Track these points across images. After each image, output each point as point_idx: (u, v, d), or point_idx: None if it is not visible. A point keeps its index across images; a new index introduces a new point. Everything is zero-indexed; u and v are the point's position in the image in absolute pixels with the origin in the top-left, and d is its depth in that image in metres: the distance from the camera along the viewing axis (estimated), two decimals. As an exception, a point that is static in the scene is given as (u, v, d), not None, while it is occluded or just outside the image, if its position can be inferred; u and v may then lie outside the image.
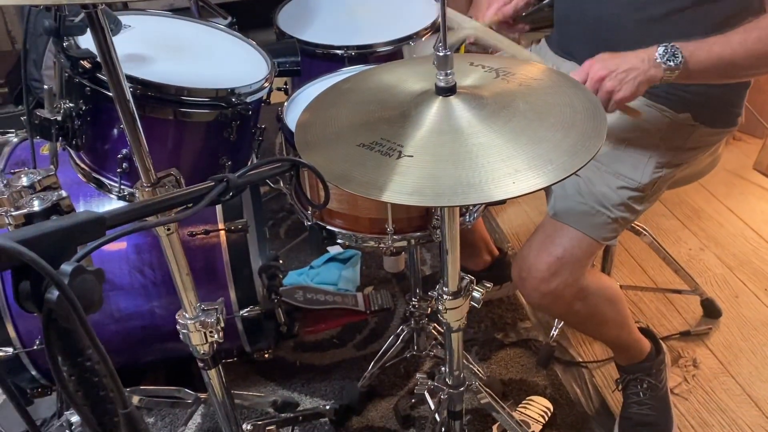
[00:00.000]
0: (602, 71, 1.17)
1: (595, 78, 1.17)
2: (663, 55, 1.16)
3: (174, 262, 1.05)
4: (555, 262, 1.31)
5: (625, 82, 1.16)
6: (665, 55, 1.16)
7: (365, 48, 1.64)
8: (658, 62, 1.16)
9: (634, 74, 1.16)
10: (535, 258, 1.33)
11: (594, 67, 1.18)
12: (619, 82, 1.16)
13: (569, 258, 1.32)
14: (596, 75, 1.17)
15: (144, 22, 1.35)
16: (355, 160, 0.88)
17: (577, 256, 1.33)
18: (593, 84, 1.18)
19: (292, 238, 2.25)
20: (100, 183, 1.21)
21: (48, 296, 0.53)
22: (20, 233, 0.52)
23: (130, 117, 0.90)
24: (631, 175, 1.34)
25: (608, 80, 1.16)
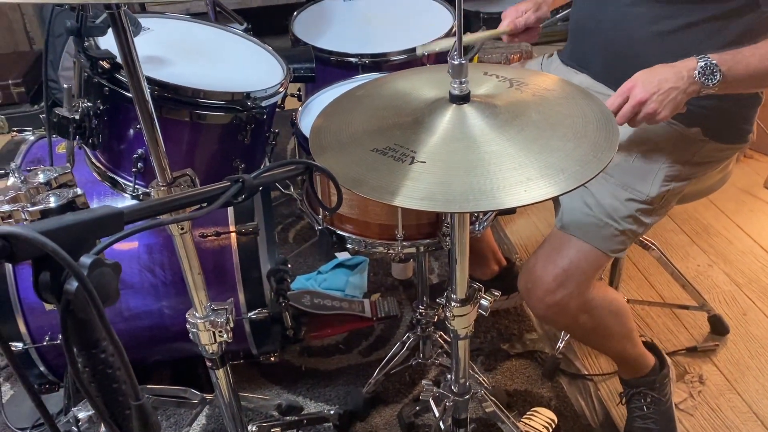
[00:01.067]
0: (643, 95, 1.16)
1: (636, 101, 1.17)
2: (701, 74, 1.16)
3: (186, 261, 1.06)
4: (561, 273, 1.32)
5: (666, 103, 1.16)
6: (704, 74, 1.16)
7: (379, 56, 1.66)
8: (696, 80, 1.16)
9: (675, 93, 1.16)
10: (541, 269, 1.34)
11: (634, 91, 1.18)
12: (659, 103, 1.16)
13: (575, 270, 1.32)
14: (637, 98, 1.17)
15: (163, 25, 1.37)
16: (369, 164, 0.90)
17: (584, 269, 1.33)
18: (634, 107, 1.17)
19: (301, 243, 2.26)
20: (115, 182, 1.22)
21: (67, 287, 0.54)
22: (42, 225, 0.53)
23: (149, 117, 0.92)
24: (639, 187, 1.34)
25: (650, 102, 1.16)
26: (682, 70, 1.17)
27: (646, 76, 1.18)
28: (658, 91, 1.16)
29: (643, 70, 1.20)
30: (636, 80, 1.19)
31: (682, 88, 1.16)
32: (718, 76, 1.16)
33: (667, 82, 1.16)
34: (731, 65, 1.17)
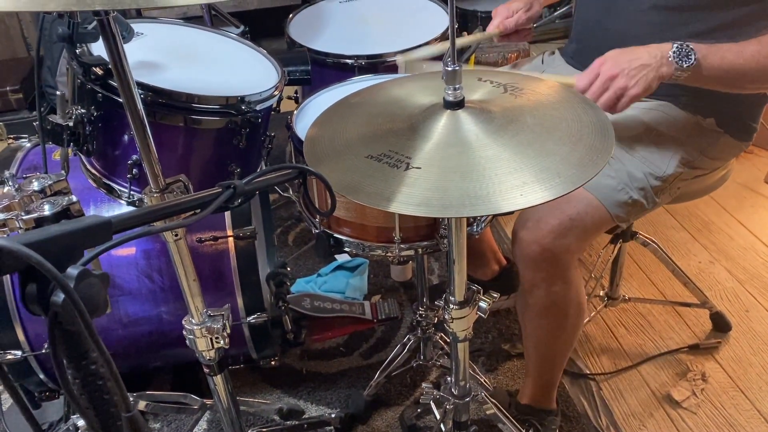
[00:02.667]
0: (614, 69, 1.16)
1: (606, 76, 1.16)
2: (677, 54, 1.16)
3: (181, 267, 1.05)
4: (567, 221, 1.28)
5: (638, 79, 1.15)
6: (679, 54, 1.16)
7: (375, 57, 1.65)
8: (670, 60, 1.16)
9: (646, 71, 1.16)
10: (546, 212, 1.30)
11: (605, 66, 1.18)
12: (631, 78, 1.15)
13: (580, 223, 1.29)
14: (607, 73, 1.17)
15: (156, 30, 1.36)
16: (364, 171, 0.89)
17: (587, 225, 1.30)
18: (604, 82, 1.17)
19: (301, 246, 2.25)
20: (110, 188, 1.22)
21: (54, 299, 0.53)
22: (27, 236, 0.53)
23: (140, 123, 0.91)
24: (657, 163, 1.34)
25: (620, 78, 1.15)
26: (655, 49, 1.17)
27: (618, 54, 1.18)
28: (629, 67, 1.16)
29: (616, 49, 1.20)
30: (606, 57, 1.19)
31: (654, 65, 1.16)
32: (693, 59, 1.16)
33: (639, 60, 1.16)
34: (706, 53, 1.17)
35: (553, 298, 1.37)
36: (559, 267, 1.33)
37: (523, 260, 1.34)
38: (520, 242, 1.33)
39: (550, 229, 1.29)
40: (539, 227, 1.29)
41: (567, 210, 1.29)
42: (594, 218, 1.31)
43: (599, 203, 1.31)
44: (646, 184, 1.33)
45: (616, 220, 1.33)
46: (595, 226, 1.33)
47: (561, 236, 1.29)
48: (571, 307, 1.40)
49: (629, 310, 1.96)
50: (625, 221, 1.36)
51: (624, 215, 1.33)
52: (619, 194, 1.31)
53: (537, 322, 1.44)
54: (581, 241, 1.33)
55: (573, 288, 1.37)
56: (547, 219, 1.29)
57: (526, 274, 1.36)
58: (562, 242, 1.29)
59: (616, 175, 1.32)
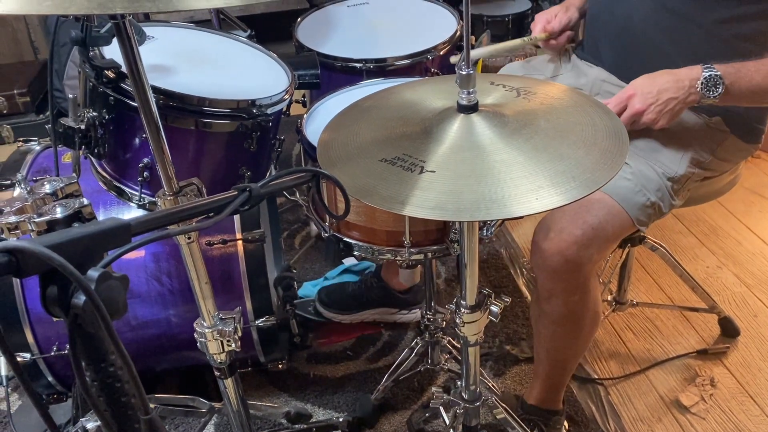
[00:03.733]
0: (640, 105, 1.17)
1: (634, 111, 1.17)
2: (704, 86, 1.16)
3: (194, 270, 1.05)
4: (590, 231, 1.26)
5: (664, 114, 1.17)
6: (706, 86, 1.16)
7: (384, 61, 1.65)
8: (698, 90, 1.16)
9: (673, 104, 1.17)
10: (569, 222, 1.28)
11: (633, 100, 1.18)
12: (658, 113, 1.17)
13: (602, 232, 1.28)
14: (635, 108, 1.18)
15: (167, 34, 1.37)
16: (378, 174, 0.89)
17: (608, 233, 1.29)
18: (632, 116, 1.18)
19: (307, 249, 2.25)
20: (121, 191, 1.22)
21: (75, 301, 0.53)
22: (49, 238, 0.53)
23: (155, 126, 0.91)
24: (669, 164, 1.34)
25: (648, 113, 1.17)
26: (684, 79, 1.17)
27: (646, 86, 1.18)
28: (656, 101, 1.16)
29: (644, 77, 1.20)
30: (636, 89, 1.19)
31: (681, 98, 1.17)
32: (720, 89, 1.16)
33: (667, 92, 1.17)
34: (734, 80, 1.17)
35: (570, 308, 1.36)
36: (580, 278, 1.32)
37: (545, 271, 1.32)
38: (542, 253, 1.30)
39: (574, 240, 1.26)
40: (562, 238, 1.27)
41: (589, 219, 1.27)
42: (615, 225, 1.30)
43: (620, 208, 1.29)
44: (661, 184, 1.32)
45: (638, 224, 1.32)
46: (616, 233, 1.32)
47: (584, 247, 1.27)
48: (588, 316, 1.39)
49: (637, 314, 1.96)
50: (645, 225, 1.34)
51: (644, 218, 1.32)
52: (638, 196, 1.30)
53: (552, 330, 1.42)
54: (603, 250, 1.32)
55: (591, 298, 1.37)
56: (570, 230, 1.27)
57: (546, 283, 1.34)
58: (585, 253, 1.28)
59: (632, 177, 1.31)
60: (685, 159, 1.35)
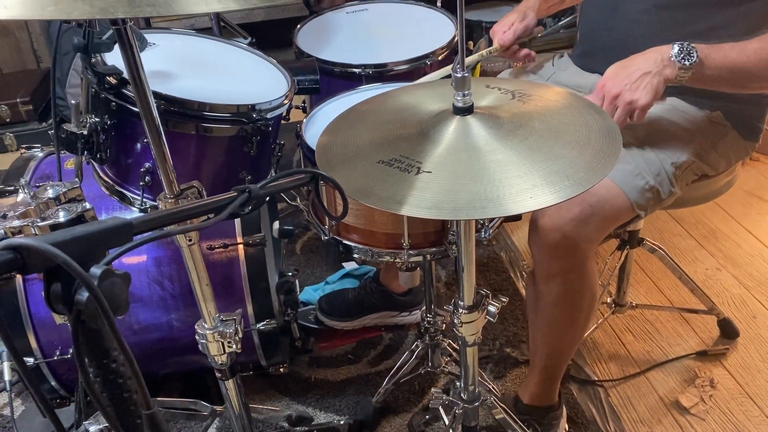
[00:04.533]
0: (616, 87, 1.18)
1: (611, 96, 1.18)
2: (678, 54, 1.17)
3: (194, 272, 1.07)
4: (588, 208, 1.27)
5: (642, 89, 1.17)
6: (681, 54, 1.17)
7: (382, 66, 1.67)
8: (672, 60, 1.17)
9: (648, 78, 1.17)
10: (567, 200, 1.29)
11: (607, 86, 1.19)
12: (635, 90, 1.17)
13: (600, 210, 1.28)
14: (612, 93, 1.19)
15: (168, 40, 1.39)
16: (375, 176, 0.90)
17: (607, 212, 1.29)
18: (610, 102, 1.19)
19: (308, 254, 2.27)
20: (123, 196, 1.24)
21: (78, 297, 0.54)
22: (53, 236, 0.54)
23: (156, 131, 0.93)
24: (671, 149, 1.35)
25: (625, 93, 1.17)
26: (654, 54, 1.19)
27: (617, 70, 1.20)
28: (629, 81, 1.17)
29: (615, 64, 1.22)
30: (607, 76, 1.21)
31: (656, 70, 1.17)
32: (695, 56, 1.17)
33: (639, 70, 1.18)
34: (708, 52, 1.18)
35: (568, 287, 1.36)
36: (578, 256, 1.32)
37: (542, 248, 1.32)
38: (540, 230, 1.31)
39: (572, 216, 1.27)
40: (560, 214, 1.28)
41: (587, 197, 1.27)
42: (614, 206, 1.30)
43: (619, 189, 1.30)
44: (661, 169, 1.33)
45: (636, 207, 1.32)
46: (614, 214, 1.32)
47: (582, 224, 1.27)
48: (586, 298, 1.39)
49: (636, 316, 1.97)
50: (644, 210, 1.34)
51: (643, 202, 1.33)
52: (637, 179, 1.31)
53: (550, 312, 1.42)
54: (600, 230, 1.32)
55: (588, 278, 1.37)
56: (568, 206, 1.27)
57: (544, 262, 1.34)
58: (583, 230, 1.28)
59: (632, 160, 1.32)
60: (687, 147, 1.35)
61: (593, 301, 1.42)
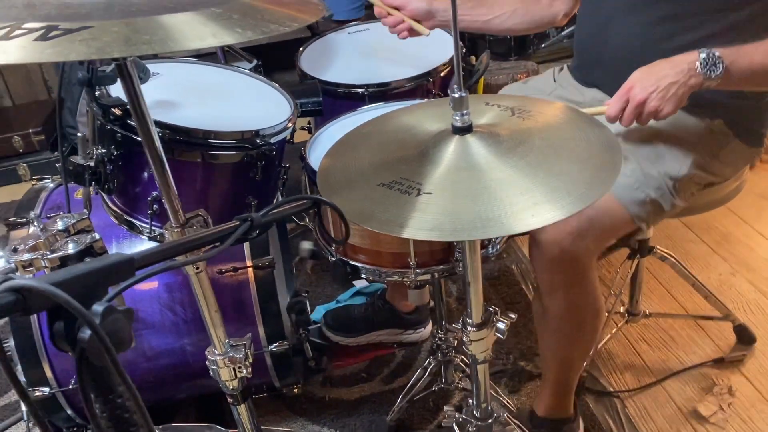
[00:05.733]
0: (642, 93, 1.16)
1: (636, 102, 1.17)
2: (704, 65, 1.16)
3: (203, 299, 1.08)
4: (586, 222, 1.27)
5: (668, 99, 1.16)
6: (706, 65, 1.16)
7: (385, 85, 1.68)
8: (698, 72, 1.16)
9: (675, 88, 1.16)
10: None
11: (634, 91, 1.18)
12: (660, 99, 1.16)
13: (599, 224, 1.28)
14: (637, 98, 1.17)
15: (172, 69, 1.41)
16: (376, 199, 0.91)
17: (606, 226, 1.29)
18: (635, 108, 1.17)
19: (319, 273, 2.27)
20: (132, 225, 1.25)
21: (81, 335, 0.55)
22: (54, 276, 0.55)
23: (159, 161, 0.94)
24: (671, 162, 1.34)
25: (651, 101, 1.16)
26: (681, 63, 1.17)
27: (644, 75, 1.18)
28: (657, 88, 1.16)
29: (640, 69, 1.20)
30: (633, 80, 1.19)
31: (682, 81, 1.16)
32: (721, 68, 1.15)
33: (666, 78, 1.16)
34: (734, 58, 1.17)
35: (571, 301, 1.36)
36: (579, 269, 1.32)
37: (543, 263, 1.32)
38: (540, 245, 1.31)
39: (570, 230, 1.27)
40: (558, 228, 1.28)
41: (586, 211, 1.24)
42: (613, 219, 1.31)
43: (617, 202, 1.30)
44: (661, 182, 1.33)
45: (636, 220, 1.32)
46: (614, 227, 1.32)
47: (581, 237, 1.27)
48: (589, 309, 1.39)
49: (651, 325, 1.95)
50: (645, 222, 1.34)
51: (643, 215, 1.32)
52: (636, 192, 1.31)
53: (555, 326, 1.42)
54: (600, 242, 1.32)
55: (591, 291, 1.37)
56: (567, 220, 1.25)
57: (545, 277, 1.35)
58: (582, 243, 1.28)
59: (631, 174, 1.32)
60: (687, 160, 1.34)
61: (598, 312, 1.42)
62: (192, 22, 0.69)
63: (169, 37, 0.65)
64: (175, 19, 0.68)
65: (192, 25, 0.69)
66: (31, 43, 0.61)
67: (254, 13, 0.75)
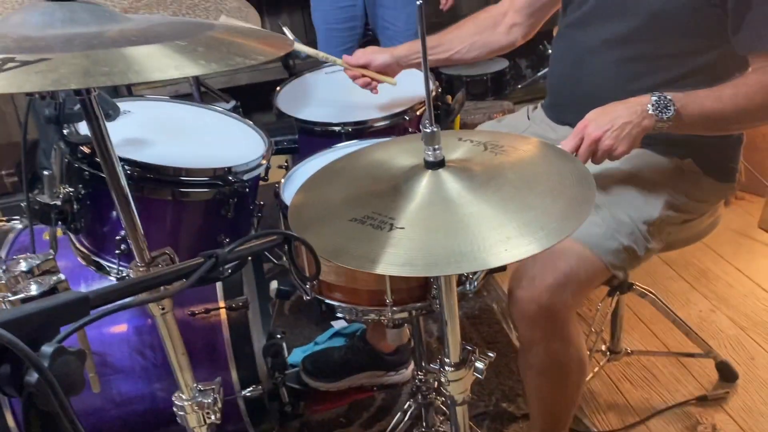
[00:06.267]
0: (597, 132, 1.18)
1: (591, 139, 1.18)
2: (655, 107, 1.18)
3: (169, 341, 1.04)
4: (561, 277, 1.27)
5: (622, 138, 1.18)
6: (658, 107, 1.18)
7: (362, 124, 1.68)
8: (650, 113, 1.18)
9: (629, 128, 1.18)
10: (540, 269, 1.28)
11: (588, 129, 1.20)
12: (615, 138, 1.18)
13: (575, 277, 1.28)
14: (591, 136, 1.19)
15: (144, 107, 1.39)
16: (348, 234, 0.89)
17: (582, 278, 1.29)
18: (589, 146, 1.19)
19: (296, 314, 2.23)
20: (99, 265, 1.22)
21: (28, 379, 0.52)
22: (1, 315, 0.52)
23: (124, 198, 0.91)
24: (643, 207, 1.34)
25: (605, 139, 1.18)
26: (635, 104, 1.20)
27: (599, 115, 1.21)
28: (611, 127, 1.18)
29: (596, 109, 1.22)
30: (588, 119, 1.21)
31: (636, 121, 1.18)
32: (672, 110, 1.18)
33: (620, 118, 1.19)
34: (685, 102, 1.20)
35: (552, 356, 1.34)
36: (557, 324, 1.31)
37: (521, 319, 1.32)
38: (517, 301, 1.31)
39: (546, 286, 1.27)
40: (535, 285, 1.28)
41: (560, 266, 1.28)
42: (588, 271, 1.30)
43: (591, 254, 1.30)
44: (634, 228, 1.33)
45: (612, 268, 1.32)
46: (589, 278, 1.32)
47: (557, 293, 1.27)
48: (572, 363, 1.37)
49: (633, 363, 1.93)
50: (621, 270, 1.34)
51: (618, 263, 1.32)
52: (609, 242, 1.31)
53: (538, 381, 1.41)
54: (578, 295, 1.32)
55: (573, 344, 1.35)
56: (542, 276, 1.28)
57: (525, 332, 1.34)
58: (559, 299, 1.28)
59: (603, 222, 1.32)
60: (659, 202, 1.35)
61: (581, 366, 1.40)
62: (155, 54, 0.68)
63: (129, 69, 0.63)
64: (138, 52, 0.67)
65: (155, 57, 0.67)
66: (-16, 75, 0.59)
67: (220, 45, 0.74)
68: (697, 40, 1.29)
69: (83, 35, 0.71)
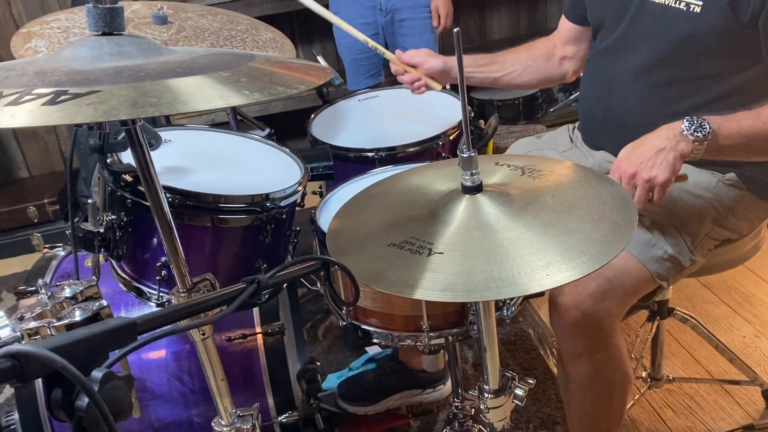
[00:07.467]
0: (631, 167, 1.16)
1: (628, 176, 1.17)
2: (689, 127, 1.16)
3: (209, 367, 1.05)
4: (605, 283, 1.24)
5: (658, 166, 1.15)
6: (692, 127, 1.16)
7: (395, 149, 1.69)
8: (684, 134, 1.16)
9: (663, 154, 1.15)
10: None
11: (622, 167, 1.18)
12: (652, 168, 1.15)
13: (618, 284, 1.25)
14: (627, 173, 1.17)
15: (184, 136, 1.43)
16: (386, 259, 0.89)
17: (625, 285, 1.26)
18: (628, 182, 1.17)
19: (330, 339, 2.23)
20: (140, 291, 1.24)
21: (78, 403, 0.53)
22: (52, 341, 0.53)
23: (167, 225, 0.93)
24: (687, 217, 1.32)
25: (642, 172, 1.15)
26: (666, 131, 1.18)
27: (630, 150, 1.19)
28: (645, 158, 1.16)
29: (627, 146, 1.20)
30: (621, 158, 1.19)
31: (671, 146, 1.15)
32: (707, 128, 1.15)
33: (652, 148, 1.16)
34: (721, 123, 1.17)
35: (596, 367, 1.31)
36: (601, 333, 1.28)
37: (564, 328, 1.29)
38: (559, 309, 1.28)
39: (590, 292, 1.24)
40: (578, 291, 1.25)
41: (604, 271, 1.23)
42: (632, 278, 1.28)
43: (635, 260, 1.27)
44: (679, 238, 1.30)
45: (657, 278, 1.29)
46: (633, 286, 1.29)
47: (601, 299, 1.24)
48: (617, 378, 1.34)
49: (675, 390, 1.88)
50: (665, 280, 1.31)
51: (663, 272, 1.29)
52: (654, 249, 1.28)
53: (581, 395, 1.37)
54: (622, 304, 1.29)
55: (617, 356, 1.32)
56: (585, 282, 1.24)
57: (567, 343, 1.31)
58: (602, 305, 1.25)
59: (647, 230, 1.30)
60: (703, 214, 1.33)
61: (626, 379, 1.36)
62: (200, 84, 0.70)
63: (176, 100, 0.65)
64: (183, 83, 0.69)
65: (200, 87, 0.69)
66: (38, 108, 0.61)
67: (262, 76, 0.75)
68: (729, 62, 1.27)
69: (130, 68, 0.73)
